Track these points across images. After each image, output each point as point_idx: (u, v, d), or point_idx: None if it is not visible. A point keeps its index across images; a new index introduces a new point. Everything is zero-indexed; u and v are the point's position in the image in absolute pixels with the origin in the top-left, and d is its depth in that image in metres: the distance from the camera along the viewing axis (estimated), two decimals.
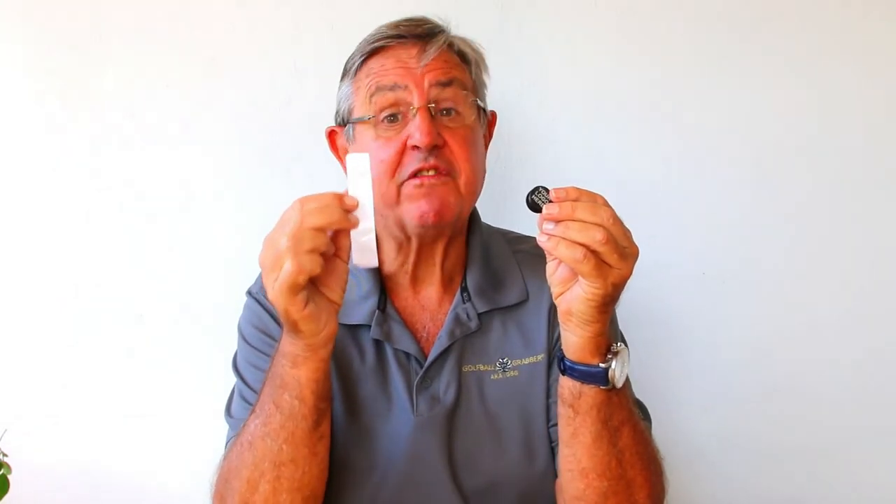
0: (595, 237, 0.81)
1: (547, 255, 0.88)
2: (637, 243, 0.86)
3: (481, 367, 1.07)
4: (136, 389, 1.44)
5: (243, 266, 1.32)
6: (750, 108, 1.45)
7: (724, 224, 1.47)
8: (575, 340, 0.90)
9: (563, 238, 0.82)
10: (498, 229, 1.21)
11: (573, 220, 0.82)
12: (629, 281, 0.86)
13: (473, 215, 1.14)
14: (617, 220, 0.83)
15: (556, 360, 0.94)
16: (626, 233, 0.85)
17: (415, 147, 0.99)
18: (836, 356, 1.48)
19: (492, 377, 1.07)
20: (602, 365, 0.89)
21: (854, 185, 1.46)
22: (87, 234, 1.42)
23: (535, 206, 0.86)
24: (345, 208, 0.82)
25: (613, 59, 1.44)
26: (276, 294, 0.81)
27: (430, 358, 1.05)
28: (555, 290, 0.90)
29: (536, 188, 0.85)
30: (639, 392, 1.15)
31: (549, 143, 1.45)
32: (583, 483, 0.94)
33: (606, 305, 0.86)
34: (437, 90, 1.01)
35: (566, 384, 0.93)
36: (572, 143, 1.45)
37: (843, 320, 1.48)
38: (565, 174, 1.44)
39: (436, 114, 1.01)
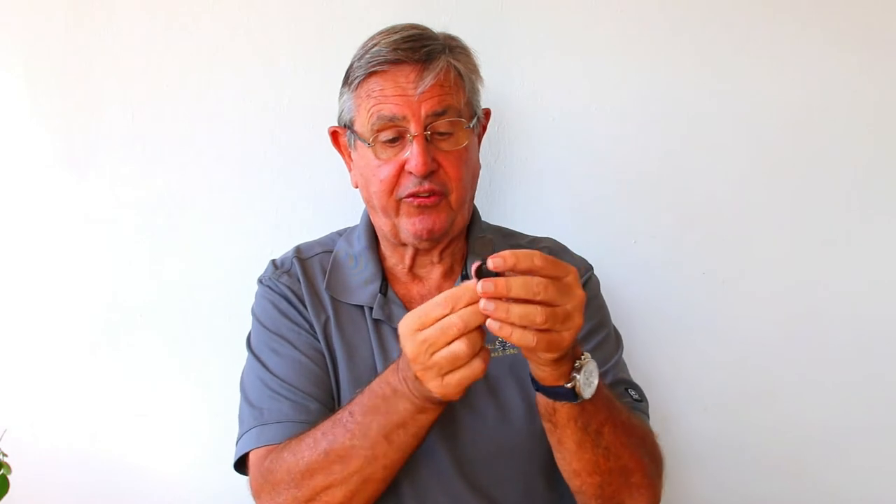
0: (535, 320, 0.81)
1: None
2: (637, 243, 0.85)
3: None
4: (136, 389, 1.44)
5: (243, 266, 1.32)
6: (751, 106, 1.44)
7: (724, 224, 1.46)
8: (539, 373, 0.92)
9: (512, 324, 0.82)
10: (496, 227, 1.28)
11: (511, 300, 0.82)
12: (628, 281, 0.85)
13: (474, 214, 1.21)
14: (549, 285, 0.82)
15: (528, 377, 0.96)
16: (563, 287, 0.83)
17: (411, 172, 1.07)
18: (837, 356, 1.48)
19: (492, 355, 1.09)
20: (567, 385, 0.91)
21: (856, 184, 1.46)
22: (86, 234, 1.42)
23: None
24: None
25: (614, 56, 1.44)
26: (451, 389, 0.87)
27: None
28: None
29: (479, 266, 0.83)
30: None
31: (549, 142, 1.45)
32: (578, 480, 1.00)
33: (563, 356, 0.88)
34: (432, 119, 1.08)
35: (541, 401, 0.96)
36: (572, 142, 1.45)
37: (843, 320, 1.47)
38: (565, 174, 1.45)
39: (432, 137, 1.08)
